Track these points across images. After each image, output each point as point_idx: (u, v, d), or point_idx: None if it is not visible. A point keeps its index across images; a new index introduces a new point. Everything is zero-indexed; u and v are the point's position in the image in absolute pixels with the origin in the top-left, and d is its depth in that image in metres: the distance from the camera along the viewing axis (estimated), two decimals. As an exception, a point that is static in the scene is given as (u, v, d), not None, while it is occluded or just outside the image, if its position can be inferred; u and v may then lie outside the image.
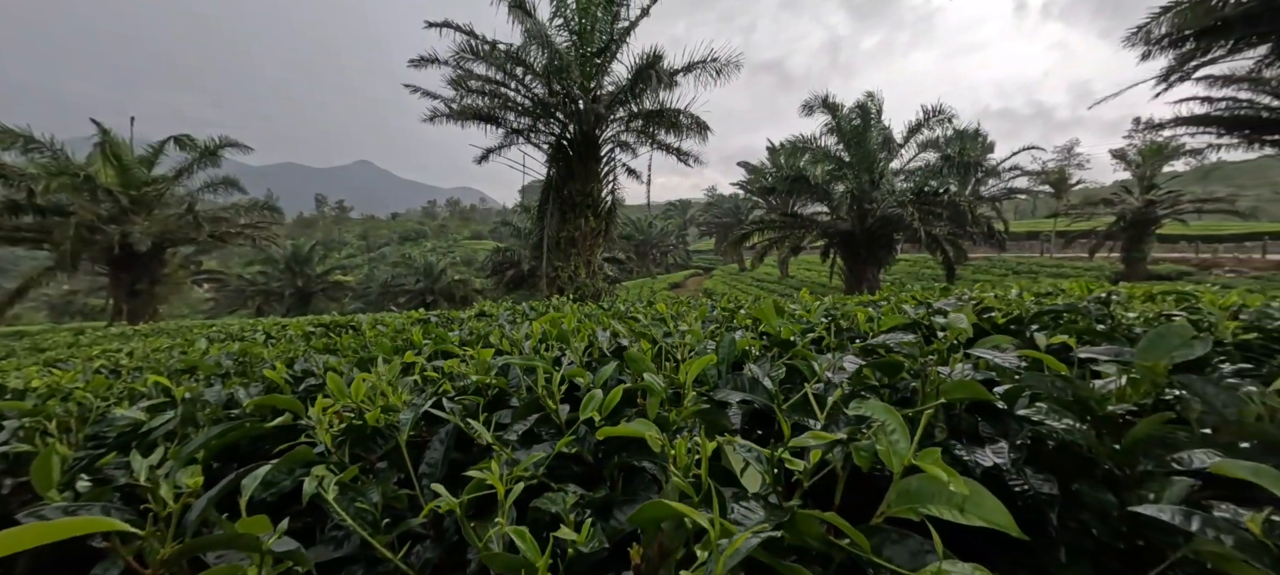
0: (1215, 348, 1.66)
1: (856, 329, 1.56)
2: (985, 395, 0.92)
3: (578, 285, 15.29)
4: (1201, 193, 29.73)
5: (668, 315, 1.80)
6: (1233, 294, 2.15)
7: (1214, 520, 0.59)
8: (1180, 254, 32.88)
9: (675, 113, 15.15)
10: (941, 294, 2.89)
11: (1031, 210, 60.22)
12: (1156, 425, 0.78)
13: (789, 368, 1.09)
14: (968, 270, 31.12)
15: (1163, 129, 20.63)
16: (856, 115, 20.94)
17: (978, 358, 1.25)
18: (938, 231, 20.56)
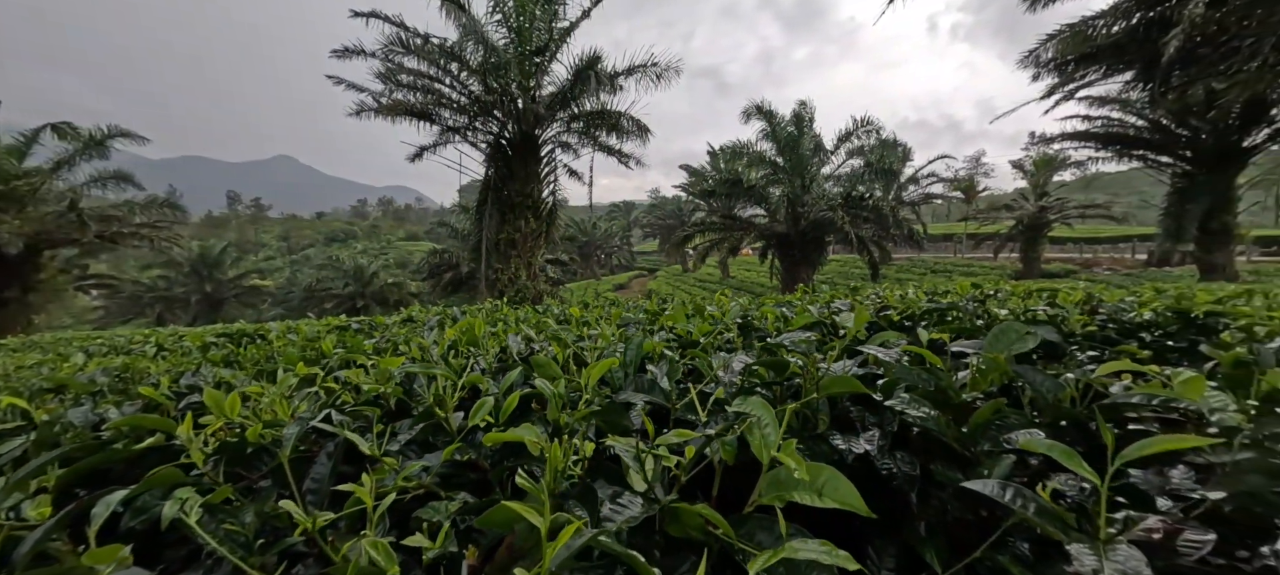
0: (1071, 337, 1.89)
1: (765, 329, 1.65)
2: (860, 388, 1.00)
3: (518, 287, 14.99)
4: (1084, 200, 33.51)
5: (577, 320, 1.81)
6: (1078, 291, 2.44)
7: (1021, 491, 0.69)
8: (1068, 254, 36.91)
9: (616, 115, 15.21)
10: (847, 294, 3.09)
11: (946, 214, 65.44)
12: (991, 411, 0.88)
13: (693, 368, 1.14)
14: (892, 270, 33.37)
15: (1052, 143, 23.12)
16: (791, 123, 21.95)
17: (867, 353, 1.36)
18: (864, 234, 21.91)
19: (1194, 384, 0.98)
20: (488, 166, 15.64)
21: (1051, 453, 0.65)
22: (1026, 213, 30.60)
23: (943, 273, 32.40)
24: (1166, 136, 17.45)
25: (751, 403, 0.85)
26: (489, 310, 4.43)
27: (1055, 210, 30.61)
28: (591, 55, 13.55)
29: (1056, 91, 13.33)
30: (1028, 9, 11.72)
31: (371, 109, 14.05)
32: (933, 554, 0.91)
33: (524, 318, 2.61)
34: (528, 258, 15.57)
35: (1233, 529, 0.90)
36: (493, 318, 3.42)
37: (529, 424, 0.76)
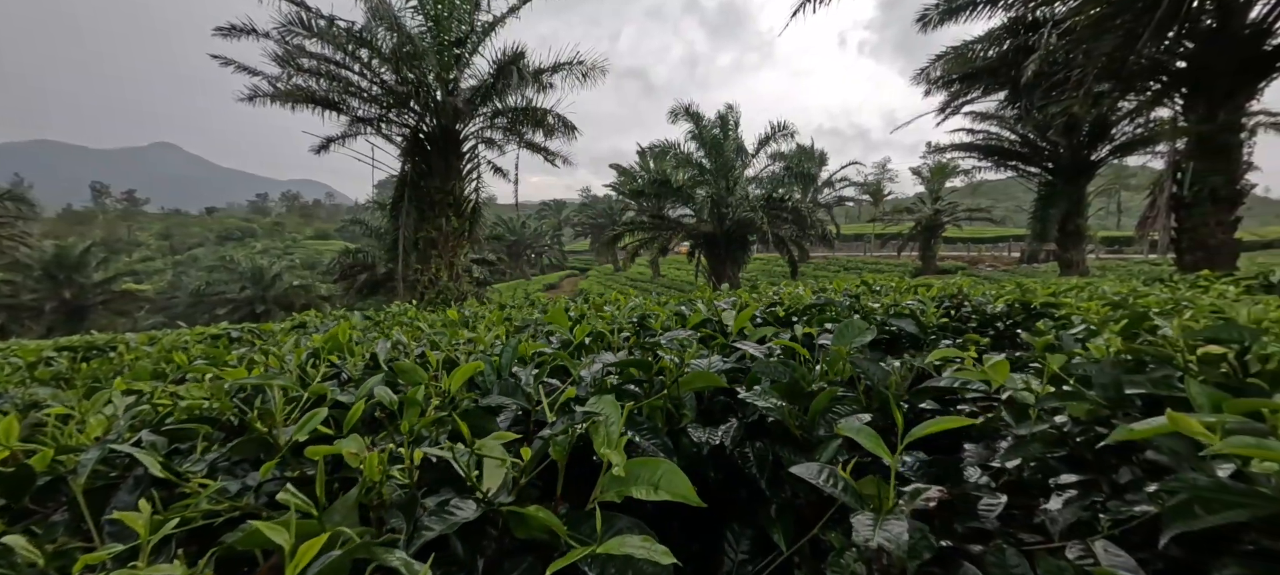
0: (929, 329, 2.09)
1: (653, 328, 1.69)
2: (718, 382, 1.05)
3: (439, 289, 14.30)
4: (971, 204, 37.49)
5: (456, 323, 1.76)
6: (951, 287, 2.72)
7: (833, 472, 0.75)
8: (959, 252, 41.15)
9: (542, 112, 14.93)
10: (741, 293, 3.24)
11: (857, 216, 70.61)
12: (827, 400, 0.96)
13: (563, 368, 1.14)
14: (810, 267, 35.52)
15: (944, 152, 25.68)
16: (716, 126, 22.69)
17: (743, 349, 1.42)
18: (784, 234, 23.15)
19: (999, 368, 1.12)
20: (404, 161, 14.78)
21: (857, 436, 0.72)
22: (924, 215, 33.72)
23: (854, 269, 34.92)
24: (1033, 150, 19.94)
25: (603, 402, 0.86)
26: (394, 313, 4.19)
27: (947, 213, 34.00)
28: (515, 50, 13.20)
29: (945, 107, 14.82)
30: (920, 30, 12.90)
31: (267, 95, 12.79)
32: (779, 533, 0.98)
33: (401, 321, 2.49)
34: (450, 257, 14.90)
35: (1026, 491, 1.04)
36: (391, 322, 3.24)
37: (356, 435, 0.73)
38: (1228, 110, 9.98)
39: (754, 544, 1.05)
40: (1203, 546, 0.72)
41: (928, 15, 12.37)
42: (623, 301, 2.02)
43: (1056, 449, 1.02)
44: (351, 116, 14.42)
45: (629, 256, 28.77)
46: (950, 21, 12.30)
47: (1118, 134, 18.55)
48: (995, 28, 11.80)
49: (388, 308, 4.57)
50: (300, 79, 12.82)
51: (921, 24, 12.58)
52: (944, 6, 12.03)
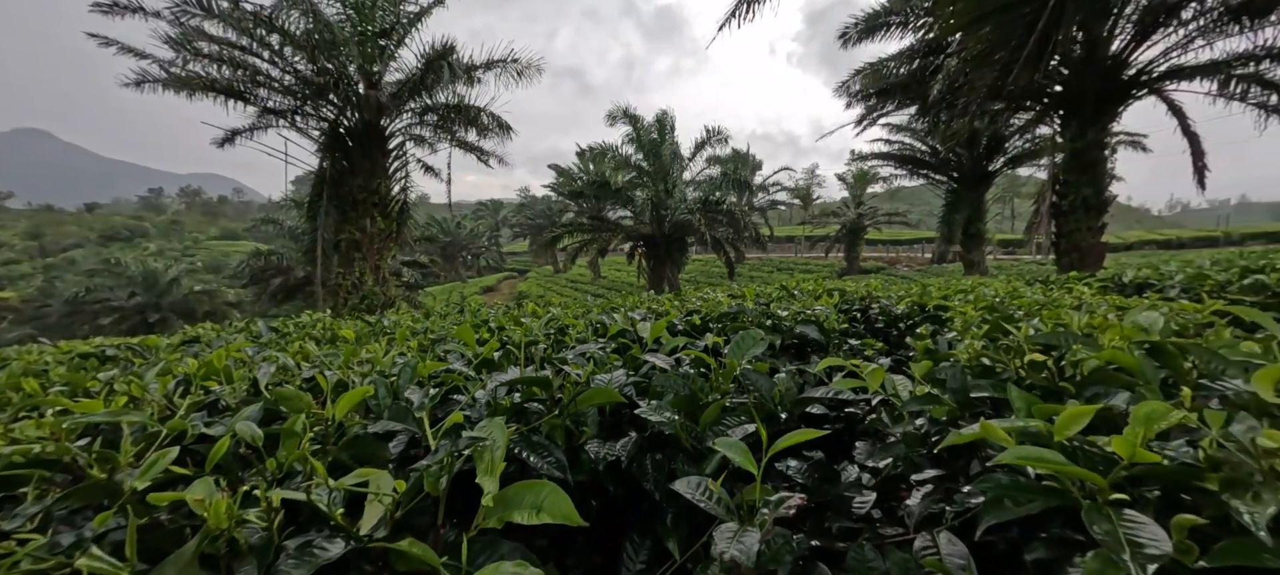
0: (833, 334, 2.24)
1: (568, 343, 1.69)
2: (616, 398, 1.08)
3: (364, 294, 13.48)
4: (890, 209, 40.34)
5: (351, 340, 1.69)
6: (850, 289, 2.91)
7: (705, 485, 0.79)
8: (879, 254, 44.17)
9: (476, 110, 14.47)
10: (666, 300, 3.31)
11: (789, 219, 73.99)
12: (716, 413, 1.01)
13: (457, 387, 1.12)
14: (746, 268, 36.82)
15: (866, 160, 27.50)
16: (654, 129, 22.98)
17: (651, 362, 1.46)
18: (720, 236, 23.85)
19: (874, 375, 1.22)
20: (322, 157, 13.79)
21: (728, 450, 0.76)
22: (848, 219, 35.91)
23: (786, 270, 36.57)
24: (940, 160, 21.80)
25: (491, 425, 0.86)
26: (304, 324, 3.90)
27: (869, 217, 36.41)
28: (445, 45, 12.70)
29: (864, 119, 15.87)
30: (842, 46, 13.74)
31: (158, 80, 11.50)
32: (674, 541, 1.01)
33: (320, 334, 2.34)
34: (376, 260, 14.08)
35: (894, 488, 1.14)
36: (300, 333, 3.03)
37: (206, 478, 0.68)
38: (1095, 130, 11.41)
39: (651, 554, 1.08)
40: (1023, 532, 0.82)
41: (848, 33, 13.20)
42: (541, 312, 2.00)
43: (921, 448, 1.13)
44: (261, 107, 13.28)
45: (569, 258, 28.49)
46: (868, 39, 13.19)
47: (1010, 148, 20.70)
48: (906, 48, 12.80)
49: (298, 318, 4.25)
50: (198, 65, 11.63)
51: (842, 40, 13.41)
52: (862, 26, 12.89)
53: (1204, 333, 1.47)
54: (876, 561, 0.83)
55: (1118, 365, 0.94)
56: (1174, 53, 10.60)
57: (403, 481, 0.73)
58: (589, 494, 1.12)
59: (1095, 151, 11.50)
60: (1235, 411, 0.82)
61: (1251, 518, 0.49)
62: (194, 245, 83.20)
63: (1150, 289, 4.36)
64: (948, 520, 0.90)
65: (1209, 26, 9.70)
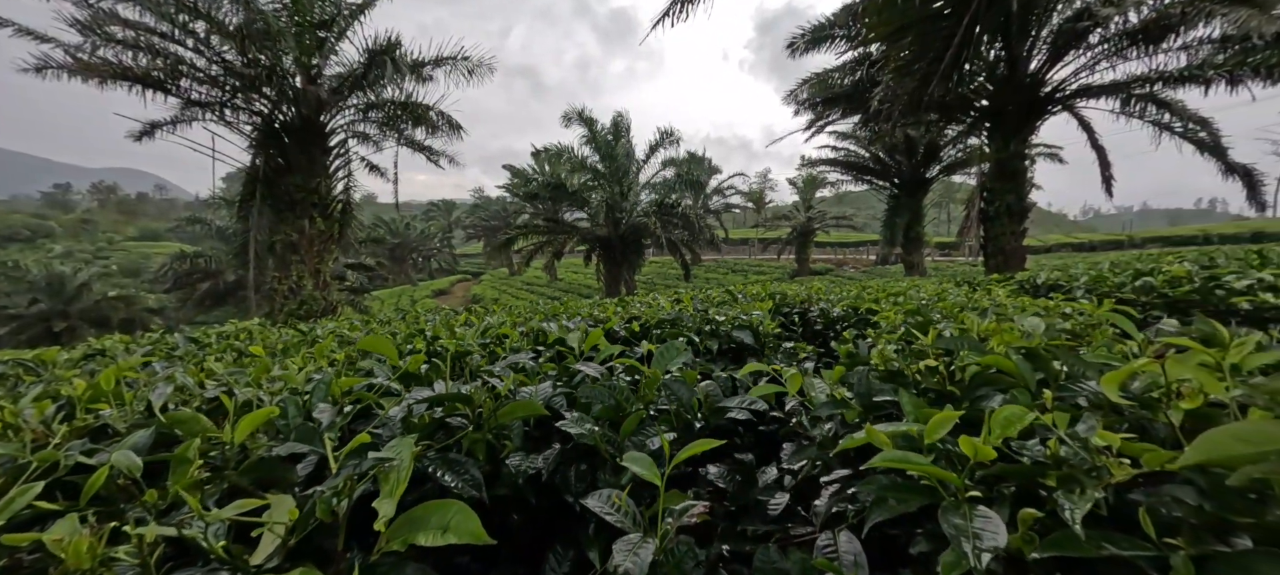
0: (767, 338, 2.31)
1: (502, 353, 1.67)
2: (538, 412, 1.08)
3: (302, 299, 12.77)
4: (837, 212, 42.03)
5: (261, 356, 1.61)
6: (801, 293, 3.02)
7: (613, 500, 0.81)
8: (828, 255, 45.96)
9: (424, 108, 14.00)
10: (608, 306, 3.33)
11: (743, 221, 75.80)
12: (635, 423, 1.03)
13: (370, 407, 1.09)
14: (702, 270, 37.41)
15: (815, 166, 28.57)
16: (610, 131, 22.99)
17: (582, 371, 1.46)
18: (676, 238, 24.12)
19: (793, 380, 1.28)
20: (255, 154, 12.97)
21: (633, 464, 0.78)
22: (799, 222, 37.16)
23: (740, 271, 37.43)
24: (882, 167, 22.95)
25: (400, 445, 0.84)
26: (228, 333, 3.66)
27: (818, 220, 37.81)
28: (390, 39, 12.23)
29: (812, 126, 16.48)
30: (790, 56, 14.23)
31: (62, 66, 10.47)
32: (596, 551, 1.02)
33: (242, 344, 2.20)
34: (315, 263, 13.36)
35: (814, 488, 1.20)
36: (222, 345, 2.84)
37: (71, 515, 0.63)
38: (1017, 142, 12.34)
39: (574, 565, 1.08)
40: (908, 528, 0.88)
41: (795, 43, 13.67)
42: (478, 321, 1.96)
43: (830, 451, 1.19)
44: (184, 99, 12.34)
45: (524, 260, 28.08)
46: (815, 50, 13.71)
47: (945, 156, 22.05)
48: (848, 60, 13.40)
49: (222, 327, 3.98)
50: (110, 51, 10.68)
51: (791, 50, 13.87)
52: (809, 37, 13.38)
53: (1093, 332, 1.63)
54: (780, 561, 0.87)
55: (999, 369, 1.03)
56: (1083, 73, 11.63)
57: (295, 511, 0.70)
58: (511, 508, 1.11)
59: (1017, 162, 12.43)
60: (1092, 412, 0.91)
61: (1070, 512, 0.56)
62: (108, 246, 76.16)
63: (1058, 290, 4.75)
64: (850, 518, 0.95)
65: (1111, 50, 10.70)
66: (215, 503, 0.85)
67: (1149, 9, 9.41)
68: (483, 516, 1.14)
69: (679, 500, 1.07)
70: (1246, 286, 3.21)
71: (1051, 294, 4.72)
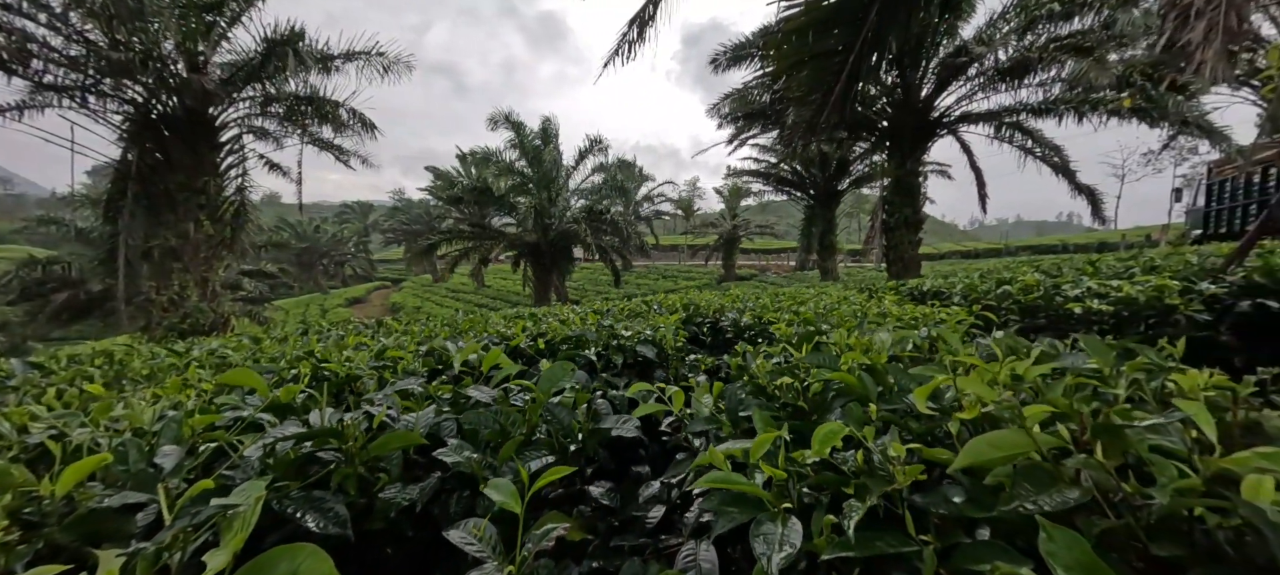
0: (671, 351, 2.41)
1: (389, 378, 1.62)
2: (416, 441, 1.07)
3: (186, 312, 11.42)
4: (760, 221, 44.14)
5: (103, 394, 1.46)
6: (714, 304, 3.15)
7: (471, 531, 0.83)
8: (753, 262, 48.10)
9: (332, 104, 13.08)
10: (518, 323, 3.32)
11: (673, 228, 77.50)
12: (512, 448, 1.05)
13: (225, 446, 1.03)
14: (633, 276, 37.75)
15: (739, 176, 29.83)
16: (538, 136, 22.67)
17: (471, 395, 1.46)
18: (606, 244, 24.20)
19: (676, 397, 1.35)
20: (128, 147, 11.47)
21: (493, 492, 0.81)
22: (725, 229, 38.60)
23: (670, 277, 38.20)
24: (799, 179, 24.43)
25: (249, 488, 0.81)
26: (84, 355, 3.21)
27: (743, 228, 39.49)
28: (293, 28, 11.32)
29: (734, 138, 17.27)
30: (713, 71, 14.83)
31: None
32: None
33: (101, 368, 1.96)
34: (202, 271, 12.01)
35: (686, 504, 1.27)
36: (71, 373, 2.51)
37: None
38: (912, 160, 13.66)
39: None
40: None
41: (718, 60, 14.27)
42: (371, 343, 1.88)
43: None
44: (34, 82, 10.66)
45: (449, 267, 26.90)
46: (736, 67, 14.39)
47: (854, 171, 23.90)
48: (766, 78, 14.19)
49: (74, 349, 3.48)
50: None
51: (714, 66, 14.46)
52: (730, 54, 14.03)
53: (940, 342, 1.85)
54: (644, 573, 0.93)
55: (844, 384, 1.16)
56: (964, 102, 13.12)
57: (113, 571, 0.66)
58: (387, 542, 1.09)
59: (913, 178, 13.76)
60: (919, 420, 1.05)
61: (846, 519, 0.66)
62: (-71, 249, 63.76)
63: (940, 297, 5.32)
64: (716, 528, 1.03)
65: (985, 83, 12.16)
66: (24, 566, 0.77)
67: (1013, 50, 10.80)
68: (356, 555, 1.11)
69: (558, 521, 1.11)
70: (1078, 294, 3.78)
71: (933, 301, 5.26)
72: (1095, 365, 1.14)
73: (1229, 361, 3.28)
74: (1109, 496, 0.67)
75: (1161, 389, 1.01)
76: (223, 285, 13.49)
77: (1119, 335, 3.50)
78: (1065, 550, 0.54)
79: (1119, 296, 3.61)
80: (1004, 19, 11.09)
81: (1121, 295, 3.61)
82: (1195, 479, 0.65)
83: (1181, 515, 0.68)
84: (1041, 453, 0.73)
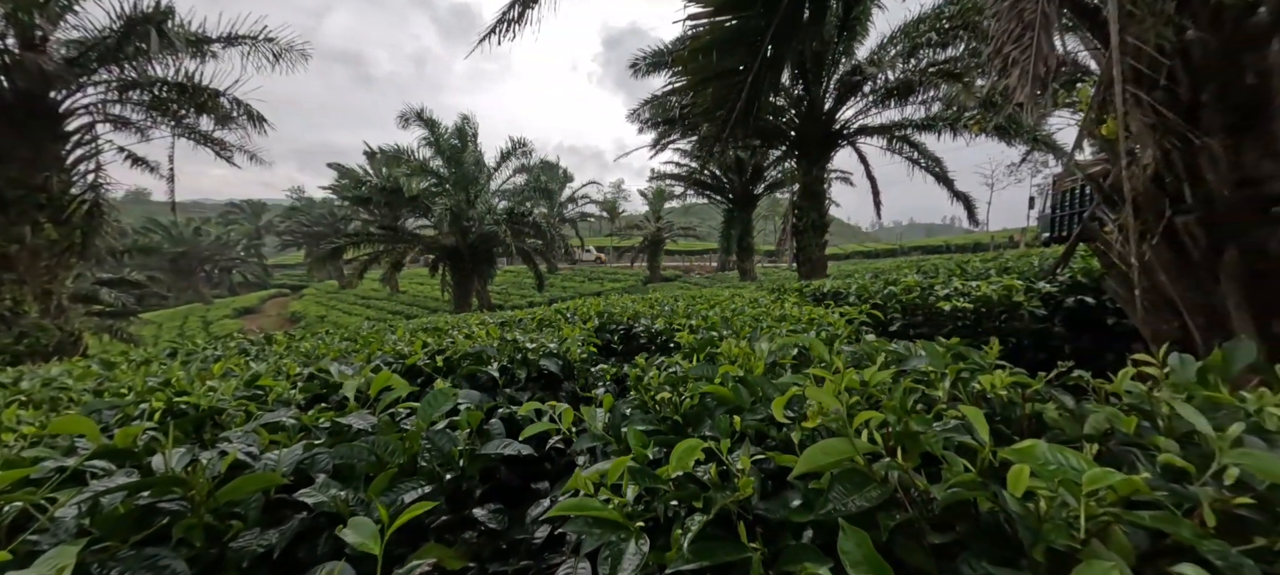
0: (576, 364, 2.42)
1: (253, 412, 1.50)
2: (274, 482, 1.00)
3: (21, 331, 9.67)
4: (684, 223, 45.31)
5: None
6: (629, 311, 3.20)
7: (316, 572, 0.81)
8: (677, 263, 49.27)
9: (211, 92, 11.68)
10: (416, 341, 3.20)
11: (599, 230, 77.49)
12: (385, 481, 1.03)
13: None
14: (558, 278, 37.25)
15: (662, 179, 30.46)
16: (454, 135, 21.70)
17: (352, 425, 1.38)
18: (530, 247, 23.70)
19: (566, 415, 1.37)
20: (-65, 135, 9.52)
21: (351, 534, 0.78)
22: (649, 232, 39.22)
23: (596, 280, 38.14)
24: (718, 183, 25.40)
25: (60, 554, 0.73)
26: None
27: (667, 230, 40.34)
28: (159, 4, 9.98)
29: (656, 143, 17.62)
30: (634, 76, 15.04)
31: None
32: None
33: None
34: (44, 282, 10.24)
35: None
36: None
37: None
38: (818, 168, 14.70)
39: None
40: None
41: (638, 65, 14.50)
42: (241, 369, 1.71)
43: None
44: None
45: (357, 272, 24.96)
46: (655, 73, 14.69)
47: (769, 176, 25.27)
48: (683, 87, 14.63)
49: None
50: None
51: (634, 71, 14.66)
52: (649, 61, 14.31)
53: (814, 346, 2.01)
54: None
55: (719, 397, 1.24)
56: (861, 116, 14.34)
57: None
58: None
59: (818, 184, 14.81)
60: (776, 431, 1.15)
61: (686, 532, 0.72)
62: None
63: (838, 298, 5.77)
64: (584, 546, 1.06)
65: (878, 100, 13.37)
66: None
67: (900, 71, 11.98)
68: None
69: (437, 552, 1.09)
70: (947, 294, 4.27)
71: (830, 302, 5.70)
72: (928, 369, 1.31)
73: (1061, 349, 3.86)
74: (909, 493, 0.78)
75: (970, 388, 1.18)
76: (73, 298, 11.59)
77: (979, 329, 4.00)
78: (855, 548, 0.63)
79: (978, 295, 4.12)
80: (892, 43, 12.26)
81: (980, 294, 4.12)
82: (972, 474, 0.78)
83: (966, 504, 0.81)
84: (861, 457, 0.84)
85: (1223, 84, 2.08)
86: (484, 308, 26.38)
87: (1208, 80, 2.14)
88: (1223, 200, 2.17)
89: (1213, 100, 2.16)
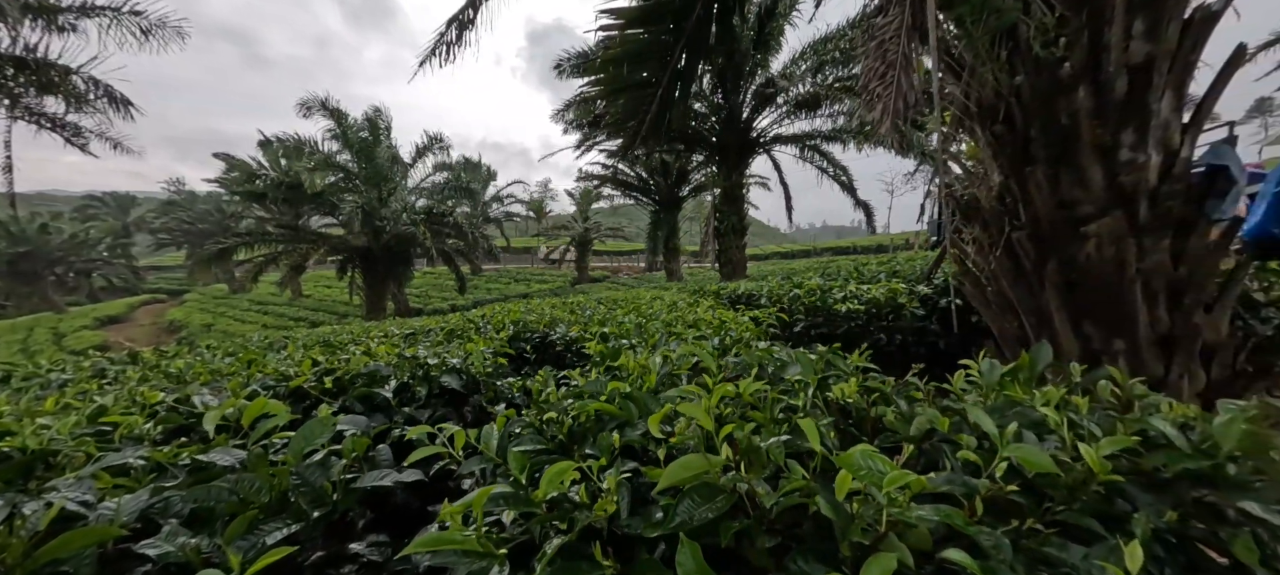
0: (483, 377, 2.38)
1: (63, 464, 1.35)
2: (109, 536, 0.92)
3: None
4: (611, 224, 45.45)
5: None
6: (544, 320, 3.17)
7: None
8: (605, 263, 49.33)
9: (62, 70, 10.10)
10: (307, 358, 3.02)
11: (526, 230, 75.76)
12: (243, 524, 0.97)
13: None
14: (482, 281, 35.94)
15: (590, 180, 30.37)
16: (364, 128, 20.25)
17: (215, 461, 1.28)
18: (450, 248, 22.66)
19: (458, 436, 1.36)
20: None
21: (185, 555, 0.74)
22: (577, 232, 38.97)
23: (522, 281, 37.28)
24: (645, 185, 25.76)
25: None
26: None
27: (595, 230, 40.28)
28: (-12, -35, 8.45)
29: (582, 144, 17.56)
30: (558, 77, 14.88)
31: None
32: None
33: None
34: None
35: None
36: None
37: None
38: (737, 173, 15.38)
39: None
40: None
41: (562, 66, 14.36)
42: (82, 405, 1.51)
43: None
44: None
45: (251, 275, 22.55)
46: (579, 76, 14.62)
47: (693, 180, 26.01)
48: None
49: None
50: None
51: (558, 71, 14.50)
52: (573, 62, 14.22)
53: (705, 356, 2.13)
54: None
55: (607, 413, 1.29)
56: (775, 125, 15.20)
57: None
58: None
59: (738, 189, 15.50)
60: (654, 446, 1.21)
61: (543, 555, 0.76)
62: None
63: (751, 301, 6.08)
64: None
65: (790, 111, 14.24)
66: None
67: (809, 86, 12.85)
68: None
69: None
70: (842, 297, 4.65)
71: (743, 305, 5.99)
72: (795, 380, 1.44)
73: (937, 345, 4.34)
74: (753, 501, 0.88)
75: (825, 396, 1.33)
76: None
77: (870, 328, 4.39)
78: (688, 559, 0.70)
79: (868, 297, 4.52)
80: (803, 58, 13.12)
81: (870, 297, 4.53)
82: (808, 481, 0.89)
83: (803, 507, 0.92)
84: (717, 471, 0.92)
85: (1044, 122, 2.46)
86: (401, 312, 24.86)
87: (1034, 117, 2.53)
88: (1046, 220, 2.57)
89: (1038, 134, 2.56)
